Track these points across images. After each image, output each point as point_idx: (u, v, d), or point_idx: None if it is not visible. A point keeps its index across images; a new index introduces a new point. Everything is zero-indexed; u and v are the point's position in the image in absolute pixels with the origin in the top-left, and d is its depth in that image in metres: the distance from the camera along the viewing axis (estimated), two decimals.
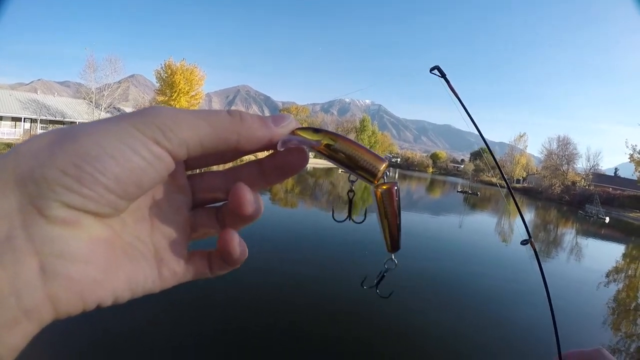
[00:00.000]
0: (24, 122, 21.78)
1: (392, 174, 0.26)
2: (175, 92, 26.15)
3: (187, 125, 0.21)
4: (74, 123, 21.97)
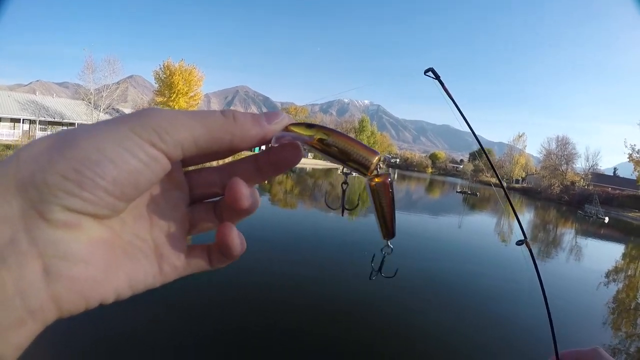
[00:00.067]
0: (23, 123, 21.75)
1: (391, 175, 0.27)
2: (174, 92, 26.04)
3: (182, 127, 0.22)
4: (73, 124, 22.08)
